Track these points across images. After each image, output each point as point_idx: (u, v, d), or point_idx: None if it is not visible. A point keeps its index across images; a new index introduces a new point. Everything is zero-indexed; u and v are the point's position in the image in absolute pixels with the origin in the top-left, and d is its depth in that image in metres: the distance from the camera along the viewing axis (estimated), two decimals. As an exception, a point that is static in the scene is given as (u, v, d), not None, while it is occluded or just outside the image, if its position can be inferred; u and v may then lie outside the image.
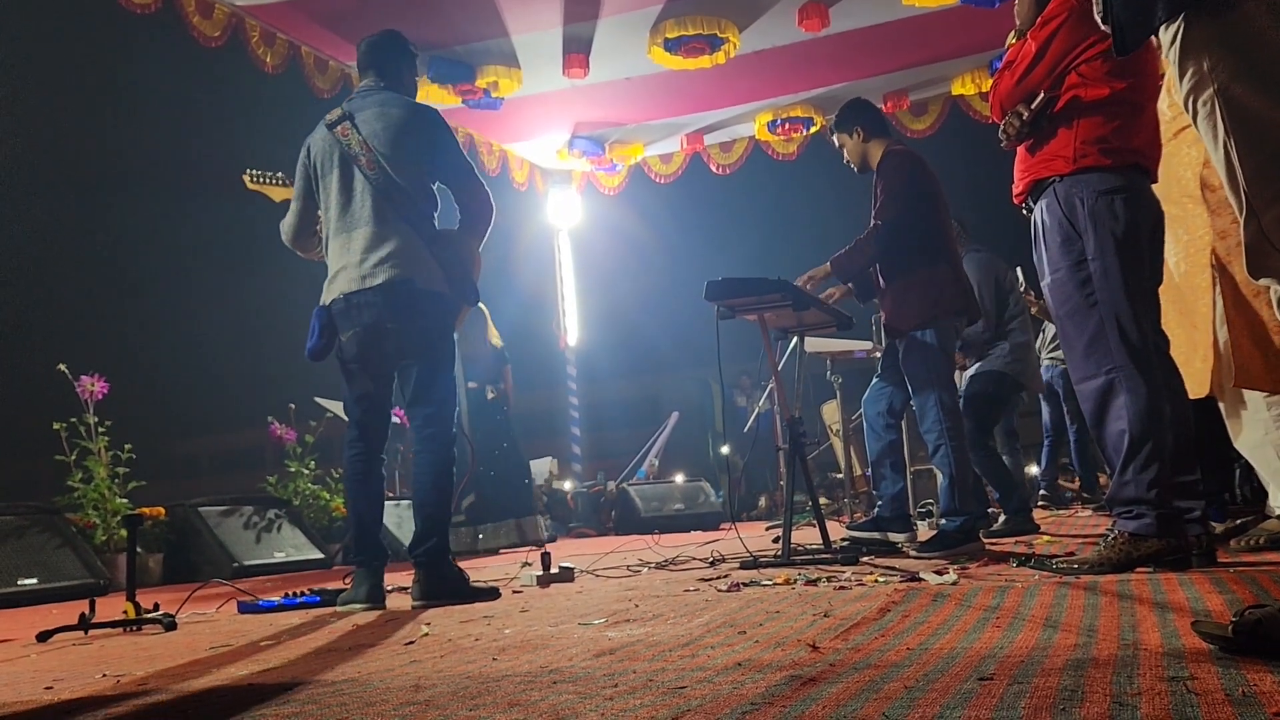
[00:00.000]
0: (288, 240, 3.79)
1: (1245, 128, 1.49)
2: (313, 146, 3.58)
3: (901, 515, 4.24)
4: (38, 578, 4.95)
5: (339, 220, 3.48)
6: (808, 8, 7.63)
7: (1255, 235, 1.51)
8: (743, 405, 11.20)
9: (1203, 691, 1.26)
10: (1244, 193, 1.51)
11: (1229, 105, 1.50)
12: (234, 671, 2.07)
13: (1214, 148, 1.55)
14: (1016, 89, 3.05)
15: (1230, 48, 1.50)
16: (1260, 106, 1.47)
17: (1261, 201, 1.49)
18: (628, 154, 10.51)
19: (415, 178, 3.48)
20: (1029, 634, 1.82)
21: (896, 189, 4.08)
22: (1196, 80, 1.55)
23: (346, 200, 3.47)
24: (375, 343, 3.46)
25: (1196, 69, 1.55)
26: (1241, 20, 1.49)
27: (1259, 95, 1.47)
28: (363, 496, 3.59)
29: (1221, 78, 1.51)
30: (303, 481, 7.35)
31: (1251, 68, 1.48)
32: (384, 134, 3.47)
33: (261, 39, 7.31)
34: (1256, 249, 1.51)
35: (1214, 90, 1.52)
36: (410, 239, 3.42)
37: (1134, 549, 2.75)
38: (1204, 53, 1.53)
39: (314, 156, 3.57)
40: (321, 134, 3.55)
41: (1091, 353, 2.85)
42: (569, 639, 2.19)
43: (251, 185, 3.99)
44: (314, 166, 3.58)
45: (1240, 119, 1.50)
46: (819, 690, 1.43)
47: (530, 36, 7.95)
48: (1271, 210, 1.48)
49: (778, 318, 4.22)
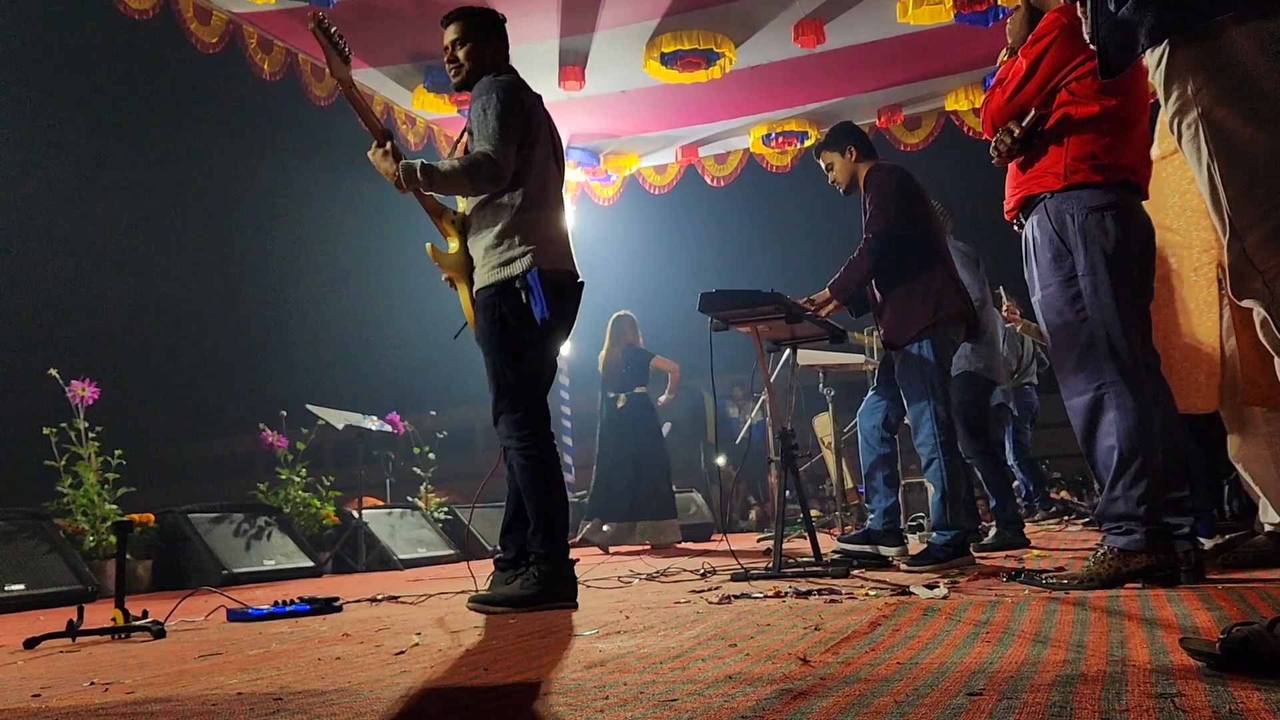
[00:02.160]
0: (503, 176, 3.32)
1: (1228, 151, 1.51)
2: (528, 100, 3.42)
3: (893, 529, 4.25)
4: (25, 584, 4.93)
5: (552, 195, 3.46)
6: (804, 24, 7.69)
7: (1239, 257, 1.53)
8: (735, 416, 11.22)
9: (1190, 708, 1.26)
10: (1227, 215, 1.53)
11: (1213, 129, 1.52)
12: (223, 680, 2.07)
13: (1198, 170, 1.57)
14: (1008, 106, 3.07)
15: (1214, 72, 1.52)
16: (1243, 131, 1.49)
17: (1244, 224, 1.51)
18: (622, 165, 10.55)
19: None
20: (1019, 649, 1.82)
21: (882, 201, 4.11)
22: (1181, 103, 1.57)
23: (548, 177, 3.45)
24: (565, 332, 3.48)
25: (1181, 92, 1.56)
26: (1225, 46, 1.50)
27: (1242, 120, 1.49)
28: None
29: (1205, 101, 1.53)
30: (294, 489, 7.33)
31: (1235, 93, 1.50)
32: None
33: (259, 46, 7.33)
34: (1240, 271, 1.53)
35: (1198, 114, 1.54)
36: None
37: (1123, 565, 2.76)
38: (1188, 76, 1.55)
39: (531, 111, 3.42)
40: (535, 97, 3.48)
41: (1082, 368, 2.86)
42: (560, 650, 2.19)
43: (316, 33, 3.51)
44: (533, 123, 3.42)
45: (1223, 142, 1.52)
46: (809, 704, 1.43)
47: (527, 48, 7.97)
48: (1254, 233, 1.50)
49: (771, 330, 4.23)
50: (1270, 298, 1.50)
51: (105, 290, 42.36)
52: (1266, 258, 1.49)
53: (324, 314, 39.94)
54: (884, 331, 4.19)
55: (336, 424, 7.34)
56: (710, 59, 7.96)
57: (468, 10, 3.56)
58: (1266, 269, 1.50)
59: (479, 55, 3.51)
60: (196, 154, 28.27)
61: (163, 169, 37.34)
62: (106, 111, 34.26)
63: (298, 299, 33.16)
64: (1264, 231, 1.49)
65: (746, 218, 41.87)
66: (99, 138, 36.85)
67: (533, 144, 3.37)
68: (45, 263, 36.99)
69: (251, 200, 12.49)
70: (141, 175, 37.84)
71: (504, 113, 3.29)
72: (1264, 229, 1.49)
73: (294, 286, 34.23)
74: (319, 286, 27.42)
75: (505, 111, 3.29)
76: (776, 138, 9.82)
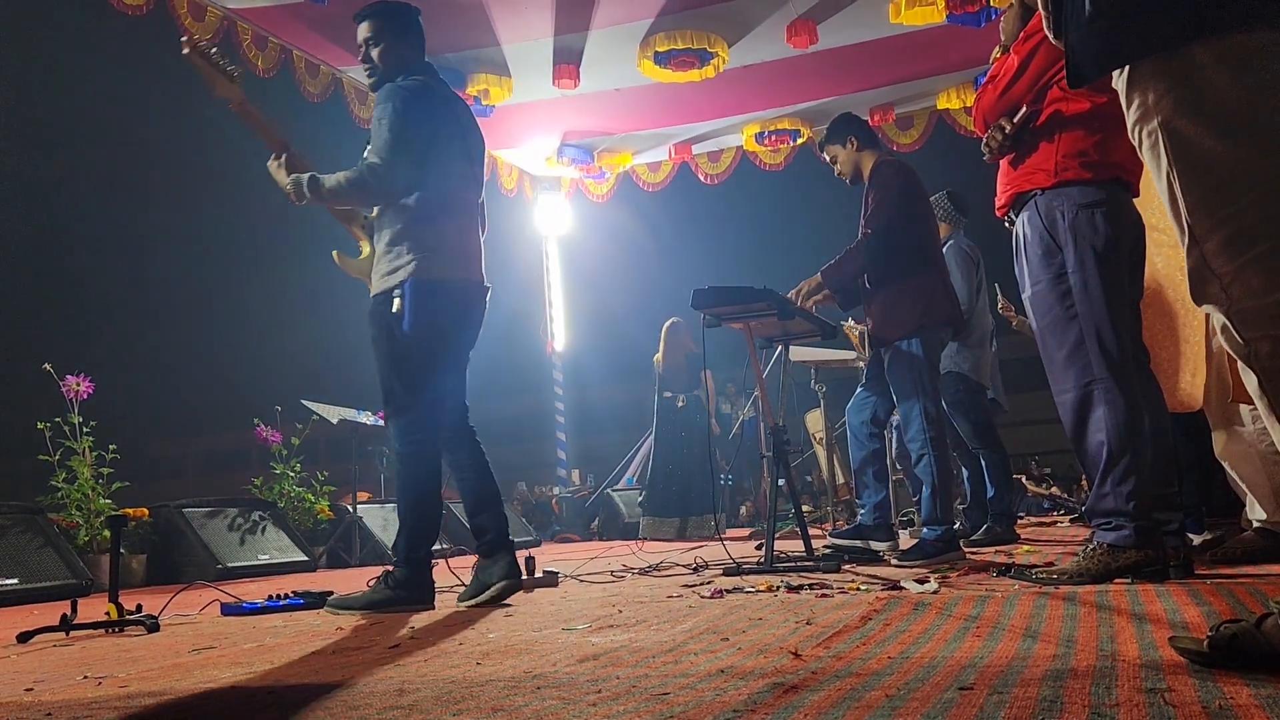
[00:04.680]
0: (392, 189, 3.33)
1: (1187, 160, 1.54)
2: (433, 105, 3.39)
3: (884, 523, 4.27)
4: (19, 578, 4.92)
5: (454, 202, 3.42)
6: (796, 24, 7.69)
7: (1197, 262, 1.56)
8: (728, 412, 11.23)
9: (1180, 703, 1.27)
10: (1186, 222, 1.56)
11: (1172, 138, 1.55)
12: (217, 674, 2.07)
13: (1158, 176, 1.61)
14: (999, 103, 3.08)
15: (1173, 84, 1.55)
16: (1201, 141, 1.53)
17: (1202, 230, 1.54)
18: (616, 162, 10.54)
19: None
20: (1009, 644, 1.84)
21: (886, 198, 4.12)
22: (1142, 112, 1.60)
23: (451, 183, 3.41)
24: (475, 336, 3.52)
25: (1142, 101, 1.60)
26: (1185, 60, 1.54)
27: (1200, 131, 1.53)
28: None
29: (1165, 111, 1.56)
30: (288, 484, 7.32)
31: (1193, 105, 1.53)
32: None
33: (253, 42, 7.32)
34: (1198, 276, 1.57)
35: (1158, 123, 1.57)
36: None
37: (1112, 560, 2.78)
38: (1149, 86, 1.58)
39: (435, 116, 3.38)
40: (445, 94, 3.45)
41: (1071, 365, 2.87)
42: (553, 644, 2.20)
43: (193, 58, 3.41)
44: (438, 129, 3.37)
45: (1182, 151, 1.55)
46: (801, 698, 1.44)
47: (521, 46, 7.98)
48: (1211, 239, 1.53)
49: (763, 326, 4.24)
50: (1228, 302, 1.54)
51: (100, 285, 42.22)
52: (1223, 263, 1.53)
53: (319, 309, 39.79)
54: (871, 327, 4.21)
55: (331, 419, 7.34)
56: (704, 59, 7.96)
57: (380, 7, 3.50)
58: (1224, 274, 1.53)
59: (394, 54, 3.46)
60: (191, 149, 28.26)
61: (157, 163, 37.26)
62: (100, 105, 34.12)
63: (292, 295, 33.19)
64: (1221, 238, 1.52)
65: (739, 215, 41.92)
66: (92, 131, 36.73)
67: (435, 151, 3.33)
68: (39, 257, 36.88)
69: (247, 196, 12.45)
70: (136, 170, 37.76)
71: (396, 123, 3.26)
72: (1221, 235, 1.52)
73: (288, 281, 34.27)
74: (313, 282, 27.36)
75: (399, 121, 3.26)
76: (769, 136, 9.82)
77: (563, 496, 11.79)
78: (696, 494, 8.19)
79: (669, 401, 8.53)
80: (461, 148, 3.44)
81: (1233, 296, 1.53)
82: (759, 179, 10.69)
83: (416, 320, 3.25)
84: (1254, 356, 1.53)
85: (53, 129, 33.85)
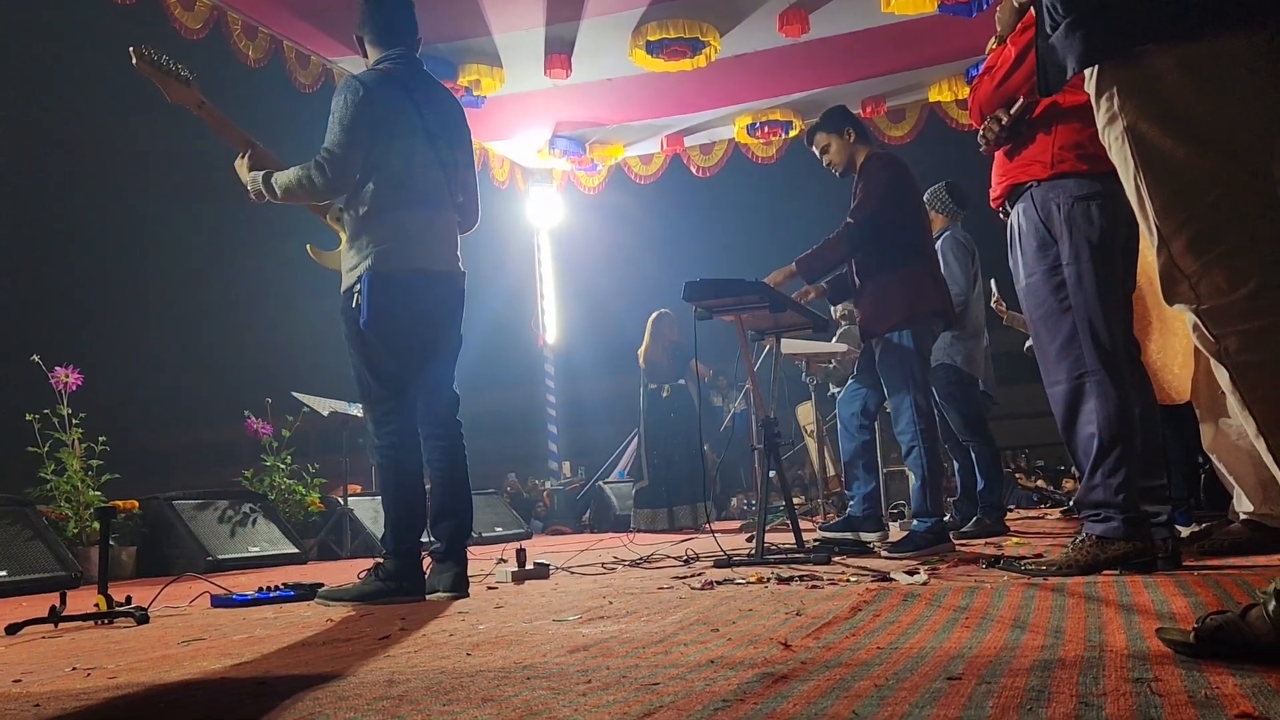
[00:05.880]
0: (342, 181, 3.30)
1: (1152, 163, 1.58)
2: (387, 94, 3.34)
3: (874, 515, 4.28)
4: (8, 570, 4.91)
5: (412, 193, 3.38)
6: (788, 13, 7.68)
7: (1166, 263, 1.59)
8: (719, 405, 11.24)
9: (1166, 693, 1.28)
10: (1154, 223, 1.60)
11: (1137, 141, 1.59)
12: (206, 665, 2.07)
13: (1126, 179, 1.64)
14: (996, 94, 3.08)
15: (1137, 88, 1.59)
16: (1165, 144, 1.56)
17: (1169, 231, 1.58)
18: (608, 154, 10.53)
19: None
20: (997, 634, 1.84)
21: (873, 190, 4.12)
22: (1109, 115, 1.64)
23: (411, 174, 3.37)
24: (448, 325, 3.49)
25: (1109, 105, 1.63)
26: (1148, 65, 1.57)
27: (1164, 134, 1.56)
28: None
29: (1130, 115, 1.59)
30: (279, 476, 7.31)
31: (1157, 109, 1.57)
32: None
33: (244, 32, 7.28)
34: (1168, 276, 1.60)
35: (1124, 126, 1.61)
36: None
37: (1101, 552, 2.79)
38: (1115, 90, 1.62)
39: (388, 106, 3.33)
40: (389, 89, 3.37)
41: (1063, 357, 2.88)
42: (543, 635, 2.20)
43: (143, 67, 3.41)
44: (393, 119, 3.34)
45: (1148, 154, 1.58)
46: (790, 688, 1.44)
47: (513, 36, 7.95)
48: (1178, 239, 1.57)
49: (755, 319, 4.24)
50: (1197, 301, 1.57)
51: (89, 276, 42.03)
52: (1190, 262, 1.56)
53: (310, 302, 39.84)
54: (860, 319, 4.22)
55: (321, 411, 7.33)
56: (696, 48, 7.95)
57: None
58: (1191, 273, 1.56)
59: (373, 43, 3.53)
60: (178, 140, 27.94)
61: (145, 155, 37.00)
62: (87, 96, 33.92)
63: (282, 285, 33.06)
64: (1186, 238, 1.56)
65: (731, 208, 41.89)
66: (80, 125, 36.49)
67: (387, 138, 3.30)
68: (27, 248, 36.72)
69: (237, 188, 12.53)
70: (125, 161, 37.53)
71: (345, 114, 3.25)
72: (1186, 236, 1.56)
73: (278, 273, 34.17)
74: (302, 273, 27.46)
75: (346, 113, 3.25)
76: (761, 127, 9.81)
77: (554, 489, 11.79)
78: (687, 483, 8.23)
79: (654, 393, 8.57)
80: (422, 129, 3.38)
81: (1200, 295, 1.56)
82: (751, 172, 10.70)
83: (373, 315, 3.25)
84: (1224, 353, 1.55)
85: (40, 122, 33.68)
